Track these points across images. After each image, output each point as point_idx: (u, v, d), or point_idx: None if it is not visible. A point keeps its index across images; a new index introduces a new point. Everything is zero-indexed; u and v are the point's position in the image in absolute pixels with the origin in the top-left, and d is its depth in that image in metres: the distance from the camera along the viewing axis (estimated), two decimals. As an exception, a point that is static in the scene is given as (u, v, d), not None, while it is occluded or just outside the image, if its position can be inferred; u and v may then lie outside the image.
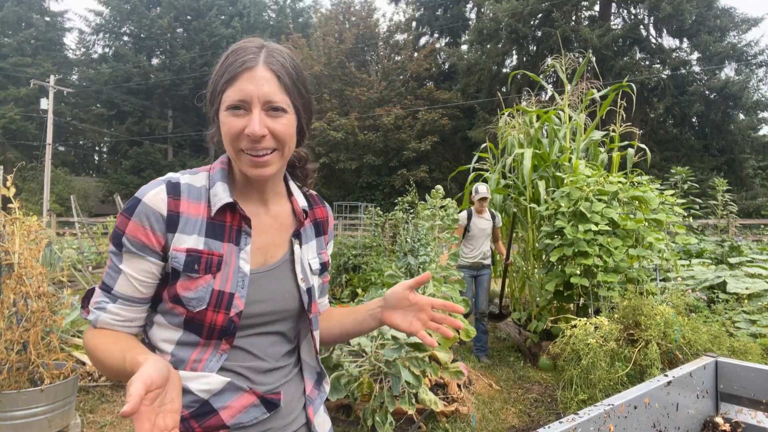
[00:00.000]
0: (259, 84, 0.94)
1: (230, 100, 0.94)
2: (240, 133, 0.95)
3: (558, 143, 6.30)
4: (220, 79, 0.96)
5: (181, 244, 0.95)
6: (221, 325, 0.95)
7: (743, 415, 1.65)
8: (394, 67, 29.72)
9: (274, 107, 0.96)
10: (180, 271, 0.94)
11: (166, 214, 0.95)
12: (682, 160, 20.64)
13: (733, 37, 22.62)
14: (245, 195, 1.06)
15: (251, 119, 0.94)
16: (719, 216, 8.71)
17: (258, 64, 0.96)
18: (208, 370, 0.96)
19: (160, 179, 0.99)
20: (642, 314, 3.52)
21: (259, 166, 0.97)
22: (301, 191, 1.18)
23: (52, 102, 26.88)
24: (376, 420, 3.14)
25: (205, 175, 1.04)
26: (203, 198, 1.00)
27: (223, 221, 1.00)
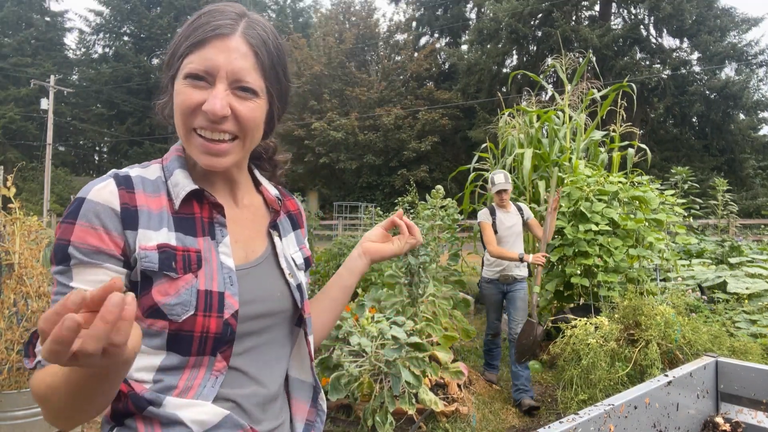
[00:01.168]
0: (231, 56, 0.78)
1: (191, 67, 0.78)
2: (196, 108, 0.78)
3: (558, 143, 6.30)
4: (184, 41, 0.79)
5: (149, 241, 0.77)
6: (215, 332, 0.78)
7: (743, 415, 1.65)
8: (395, 67, 29.73)
9: (243, 87, 0.80)
10: (155, 272, 0.76)
11: (120, 209, 0.76)
12: (682, 160, 20.64)
13: (734, 37, 22.63)
14: (210, 184, 0.89)
15: (213, 94, 0.77)
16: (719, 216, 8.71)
17: (234, 33, 0.79)
18: (202, 398, 0.77)
19: (104, 176, 0.81)
20: (642, 314, 3.52)
21: (212, 154, 0.80)
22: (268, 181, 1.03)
23: (52, 102, 26.89)
24: (377, 420, 3.14)
25: (158, 167, 0.87)
26: (162, 190, 0.83)
27: (191, 214, 0.83)
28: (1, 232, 3.40)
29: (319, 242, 12.43)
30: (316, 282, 7.37)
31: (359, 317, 3.64)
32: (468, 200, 7.12)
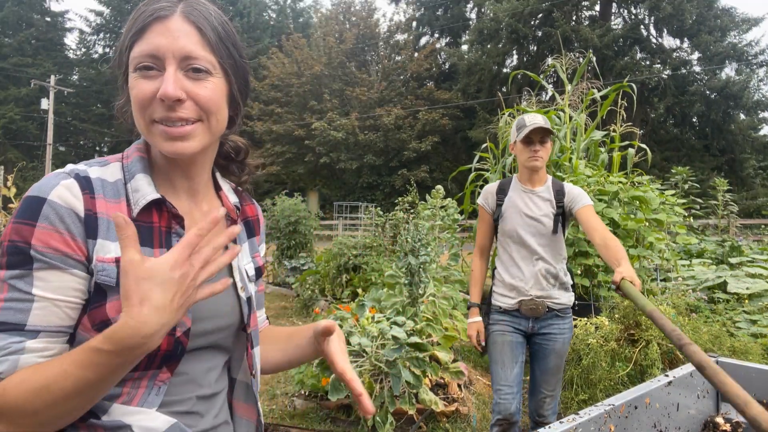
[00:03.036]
0: (174, 36, 0.76)
1: (139, 56, 0.76)
2: (151, 99, 0.75)
3: (558, 143, 6.30)
4: (128, 34, 0.78)
5: (107, 254, 0.73)
6: (166, 349, 0.75)
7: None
8: (395, 67, 29.75)
9: (195, 67, 0.77)
10: (111, 287, 0.72)
11: (83, 215, 0.73)
12: (682, 160, 20.64)
13: (734, 37, 22.64)
14: (172, 188, 0.86)
15: (164, 79, 0.75)
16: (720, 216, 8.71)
17: (174, 13, 0.77)
18: (146, 406, 0.75)
19: (60, 172, 0.76)
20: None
21: (175, 139, 0.77)
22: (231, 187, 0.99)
23: (52, 102, 26.91)
24: (377, 420, 3.14)
25: (118, 167, 0.83)
26: (121, 195, 0.79)
27: (149, 223, 0.79)
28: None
29: (320, 242, 12.44)
30: (315, 282, 7.37)
31: (359, 317, 3.65)
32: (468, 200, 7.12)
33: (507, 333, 2.47)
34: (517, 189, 2.52)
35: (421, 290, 4.02)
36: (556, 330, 2.45)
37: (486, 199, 2.59)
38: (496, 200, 2.55)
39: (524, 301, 2.43)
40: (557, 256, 2.47)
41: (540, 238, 2.43)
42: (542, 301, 2.42)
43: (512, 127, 2.53)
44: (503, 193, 2.55)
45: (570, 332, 2.50)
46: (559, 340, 2.46)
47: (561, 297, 2.46)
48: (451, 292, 4.87)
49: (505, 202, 2.51)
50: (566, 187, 2.49)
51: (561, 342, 2.46)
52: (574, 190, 2.48)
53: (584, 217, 2.36)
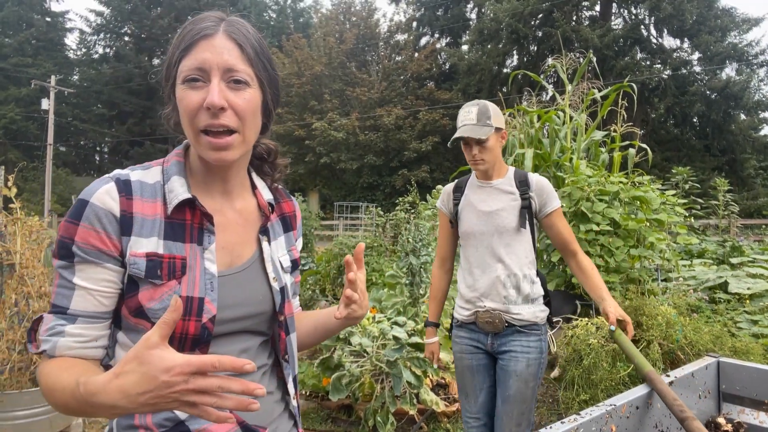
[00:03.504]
0: (218, 52, 0.86)
1: (186, 70, 0.86)
2: (198, 108, 0.85)
3: (559, 143, 6.30)
4: (176, 50, 0.88)
5: (139, 249, 0.84)
6: (193, 334, 0.85)
7: (745, 416, 1.65)
8: (395, 67, 29.75)
9: (235, 79, 0.87)
10: (142, 279, 0.84)
11: (119, 215, 0.84)
12: (683, 160, 20.63)
13: (734, 37, 22.63)
14: (206, 189, 0.96)
15: (210, 89, 0.84)
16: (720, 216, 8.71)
17: (218, 32, 0.88)
18: None
19: (106, 177, 0.88)
20: (644, 314, 3.52)
21: (219, 149, 0.87)
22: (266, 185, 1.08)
23: (53, 102, 26.91)
24: (378, 420, 3.14)
25: (159, 170, 0.93)
26: (158, 195, 0.89)
27: (182, 220, 0.89)
28: (3, 232, 3.41)
29: (320, 242, 12.43)
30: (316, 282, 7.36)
31: (360, 317, 3.64)
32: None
33: (465, 355, 2.13)
34: (474, 185, 2.18)
35: (421, 290, 4.01)
36: (518, 347, 2.02)
37: (443, 200, 2.26)
38: (453, 200, 2.22)
39: (479, 313, 2.07)
40: (522, 260, 2.05)
41: (500, 236, 2.05)
42: (499, 314, 2.03)
43: None
44: (460, 191, 2.21)
45: (539, 352, 2.03)
46: (521, 361, 2.00)
47: (523, 312, 2.02)
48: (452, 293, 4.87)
49: (462, 201, 2.18)
50: (532, 178, 2.11)
51: (524, 363, 2.00)
52: (543, 182, 2.10)
53: (555, 225, 2.09)
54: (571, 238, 2.10)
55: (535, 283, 2.07)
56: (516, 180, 2.12)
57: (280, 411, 1.01)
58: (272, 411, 0.99)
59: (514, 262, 2.04)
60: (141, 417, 0.87)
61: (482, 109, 2.07)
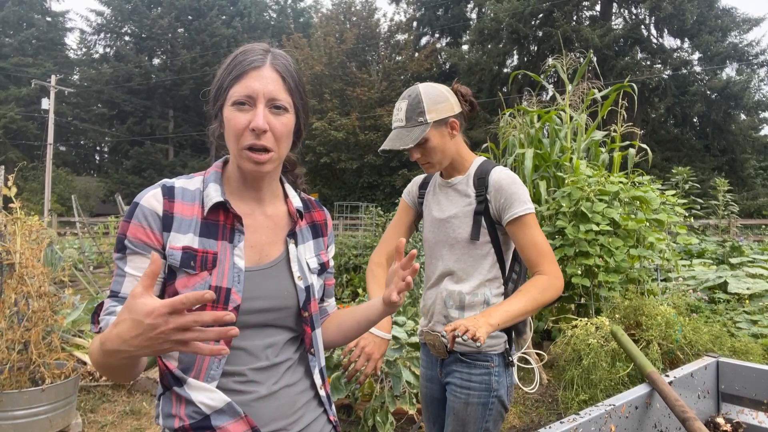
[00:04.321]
0: (265, 82, 1.01)
1: (237, 95, 1.00)
2: (245, 129, 1.00)
3: (559, 143, 6.30)
4: (227, 76, 1.02)
5: (177, 243, 1.00)
6: None
7: (744, 416, 1.65)
8: (395, 67, 29.75)
9: (276, 105, 1.02)
10: (177, 268, 0.99)
11: (162, 214, 1.00)
12: (683, 160, 20.63)
13: (735, 37, 22.63)
14: (240, 195, 1.11)
15: (256, 114, 0.99)
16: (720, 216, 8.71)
17: (265, 64, 1.03)
18: (210, 378, 1.00)
19: (156, 184, 1.05)
20: (643, 314, 3.52)
21: (258, 163, 1.02)
22: (298, 195, 1.22)
23: (53, 102, 26.92)
24: (377, 420, 3.14)
25: (200, 179, 1.10)
26: (197, 200, 1.05)
27: (216, 221, 1.05)
28: (2, 232, 3.41)
29: (320, 242, 12.39)
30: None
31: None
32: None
33: (422, 381, 1.87)
34: (436, 182, 1.85)
35: (421, 290, 4.01)
36: (457, 380, 1.67)
37: (409, 191, 1.94)
38: (418, 195, 1.90)
39: (424, 333, 1.77)
40: (476, 276, 1.67)
41: (451, 249, 1.70)
42: (437, 336, 1.69)
43: None
44: (425, 188, 1.89)
45: (484, 389, 1.63)
46: (460, 397, 1.65)
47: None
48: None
49: (426, 197, 1.87)
50: (492, 175, 1.67)
51: (462, 401, 1.64)
52: (503, 180, 1.65)
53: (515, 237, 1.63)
54: (538, 256, 1.59)
55: (487, 304, 1.65)
56: (475, 178, 1.71)
57: (306, 400, 1.12)
58: (295, 401, 1.09)
59: (465, 276, 1.67)
60: (177, 407, 1.00)
61: (413, 103, 1.67)
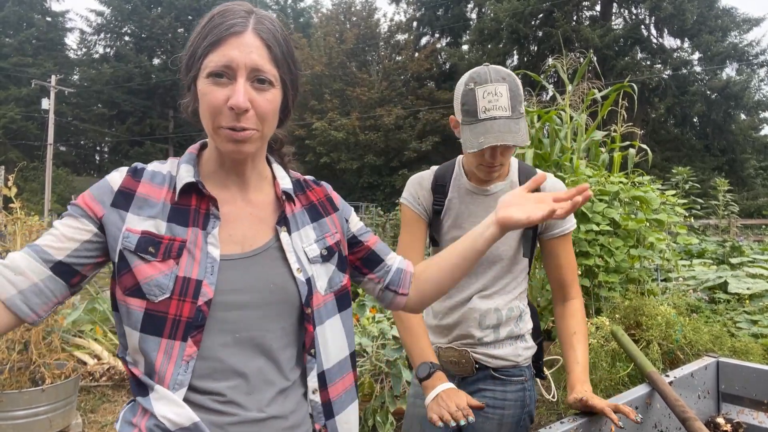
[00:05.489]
0: (246, 51, 0.85)
1: (213, 65, 0.85)
2: (221, 107, 0.85)
3: (559, 143, 6.30)
4: (202, 42, 0.86)
5: (136, 226, 0.87)
6: (188, 316, 0.84)
7: (744, 416, 1.65)
8: (395, 67, 29.74)
9: (260, 78, 0.87)
10: (131, 252, 0.85)
11: (117, 189, 0.89)
12: (683, 160, 20.62)
13: (735, 37, 22.64)
14: (219, 181, 0.96)
15: (235, 89, 0.84)
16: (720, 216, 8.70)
17: (247, 29, 0.86)
18: (177, 384, 0.83)
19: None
20: (643, 314, 3.52)
21: (237, 142, 0.87)
22: (289, 175, 1.05)
23: (53, 102, 26.91)
24: (377, 420, 3.14)
25: (174, 163, 0.97)
26: (167, 182, 0.93)
27: (187, 205, 0.91)
28: (3, 232, 3.41)
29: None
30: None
31: (360, 317, 3.64)
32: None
33: (418, 401, 1.51)
34: (461, 187, 1.53)
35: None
36: (489, 400, 1.47)
37: (416, 196, 1.56)
38: (433, 201, 1.56)
39: (442, 349, 1.54)
40: (512, 291, 1.52)
41: (490, 266, 1.49)
42: (466, 352, 1.49)
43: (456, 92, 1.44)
44: (442, 193, 1.55)
45: (519, 407, 1.50)
46: (493, 419, 1.48)
47: (500, 350, 1.48)
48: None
49: (445, 209, 1.53)
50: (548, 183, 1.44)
51: (496, 423, 1.48)
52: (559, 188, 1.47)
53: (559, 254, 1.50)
54: (573, 277, 1.51)
55: (524, 315, 1.54)
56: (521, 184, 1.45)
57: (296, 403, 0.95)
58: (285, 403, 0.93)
59: (504, 293, 1.50)
60: (139, 417, 0.86)
61: (513, 89, 1.34)
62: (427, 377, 1.34)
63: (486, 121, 1.31)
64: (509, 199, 1.03)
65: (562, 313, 1.52)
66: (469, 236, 1.07)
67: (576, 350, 1.43)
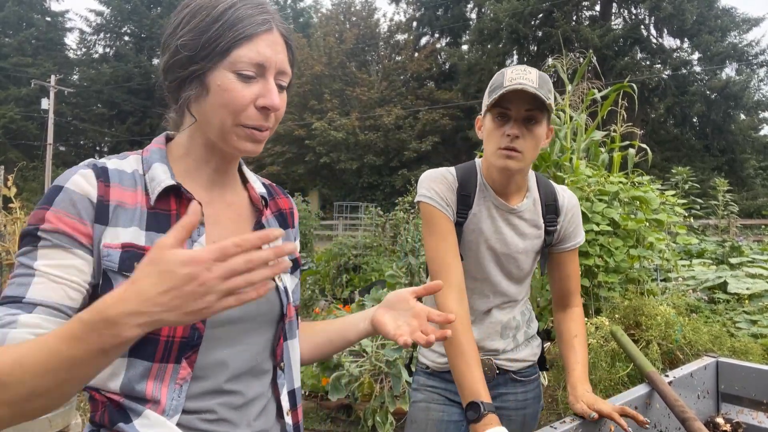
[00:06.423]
0: (276, 50, 0.81)
1: (246, 62, 0.78)
2: (248, 105, 0.79)
3: (559, 143, 6.30)
4: (228, 32, 0.77)
5: (114, 240, 0.75)
6: (182, 336, 0.76)
7: (744, 416, 1.65)
8: (395, 67, 29.76)
9: (282, 80, 0.84)
10: (115, 272, 0.74)
11: (96, 200, 0.76)
12: (683, 160, 20.63)
13: (734, 37, 22.66)
14: (193, 179, 0.87)
15: (268, 89, 0.80)
16: (720, 216, 8.71)
17: (274, 27, 0.81)
18: (171, 411, 0.75)
19: (81, 164, 0.80)
20: (643, 314, 3.53)
21: (256, 142, 0.83)
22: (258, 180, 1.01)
23: (53, 102, 26.91)
24: (377, 420, 3.14)
25: (137, 159, 0.85)
26: (138, 184, 0.81)
27: (167, 210, 0.81)
28: (2, 232, 3.41)
29: (320, 242, 12.45)
30: (316, 282, 7.36)
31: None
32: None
33: (434, 405, 1.49)
34: (487, 201, 1.45)
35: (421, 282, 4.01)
36: (511, 402, 1.52)
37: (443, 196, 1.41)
38: (457, 209, 1.43)
39: None
40: (524, 299, 1.57)
41: (511, 281, 1.49)
42: (489, 359, 1.48)
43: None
44: (466, 204, 1.43)
45: (537, 402, 1.59)
46: (516, 419, 1.52)
47: (523, 351, 1.53)
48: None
49: (469, 219, 1.43)
50: (563, 199, 1.49)
51: (519, 422, 1.53)
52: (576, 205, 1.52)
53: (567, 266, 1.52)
54: (576, 287, 1.56)
55: (530, 313, 1.60)
56: (542, 204, 1.46)
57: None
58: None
59: (517, 302, 1.53)
60: None
61: (543, 76, 1.34)
62: (477, 420, 1.21)
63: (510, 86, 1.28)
64: (393, 300, 0.98)
65: (564, 318, 1.56)
66: (344, 322, 1.04)
67: (577, 351, 1.47)
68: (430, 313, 0.94)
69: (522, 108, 1.31)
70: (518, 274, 1.48)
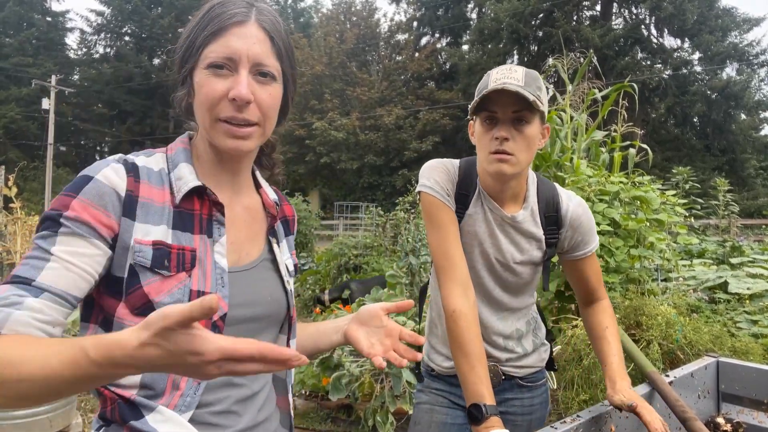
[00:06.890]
0: (249, 42, 0.80)
1: (214, 56, 0.79)
2: (221, 98, 0.80)
3: (559, 143, 6.30)
4: (201, 32, 0.81)
5: (146, 236, 0.77)
6: None
7: (744, 416, 1.65)
8: (395, 67, 29.77)
9: (263, 72, 0.82)
10: (147, 269, 0.76)
11: (125, 195, 0.77)
12: (683, 160, 20.62)
13: (735, 37, 22.65)
14: (214, 180, 0.88)
15: (237, 81, 0.79)
16: (721, 216, 8.70)
17: (250, 19, 0.82)
18: (184, 407, 0.77)
19: (111, 158, 0.82)
20: (643, 314, 3.53)
21: (238, 138, 0.81)
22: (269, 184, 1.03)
23: (53, 102, 26.92)
24: (377, 420, 3.14)
25: (162, 157, 0.87)
26: (165, 182, 0.83)
27: (191, 210, 0.83)
28: (3, 232, 3.41)
29: (320, 242, 12.45)
30: (316, 282, 7.36)
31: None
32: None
33: (438, 408, 1.48)
34: (484, 206, 1.40)
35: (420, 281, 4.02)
36: (517, 408, 1.49)
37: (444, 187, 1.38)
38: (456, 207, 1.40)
39: None
40: (528, 301, 1.51)
41: (506, 291, 1.45)
42: (495, 366, 1.45)
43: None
44: (463, 203, 1.40)
45: (544, 407, 1.56)
46: (522, 425, 1.50)
47: (530, 358, 1.50)
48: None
49: (464, 220, 1.40)
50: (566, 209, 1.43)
51: (524, 427, 1.50)
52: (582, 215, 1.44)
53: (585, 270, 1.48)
54: (599, 283, 1.51)
55: (536, 319, 1.56)
56: (541, 214, 1.41)
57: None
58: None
59: (520, 309, 1.48)
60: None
61: (530, 74, 1.29)
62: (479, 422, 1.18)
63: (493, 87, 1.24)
64: (365, 316, 1.00)
65: (592, 312, 1.51)
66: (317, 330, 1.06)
67: (611, 343, 1.43)
68: (401, 332, 0.97)
69: (509, 109, 1.27)
70: (515, 284, 1.44)
